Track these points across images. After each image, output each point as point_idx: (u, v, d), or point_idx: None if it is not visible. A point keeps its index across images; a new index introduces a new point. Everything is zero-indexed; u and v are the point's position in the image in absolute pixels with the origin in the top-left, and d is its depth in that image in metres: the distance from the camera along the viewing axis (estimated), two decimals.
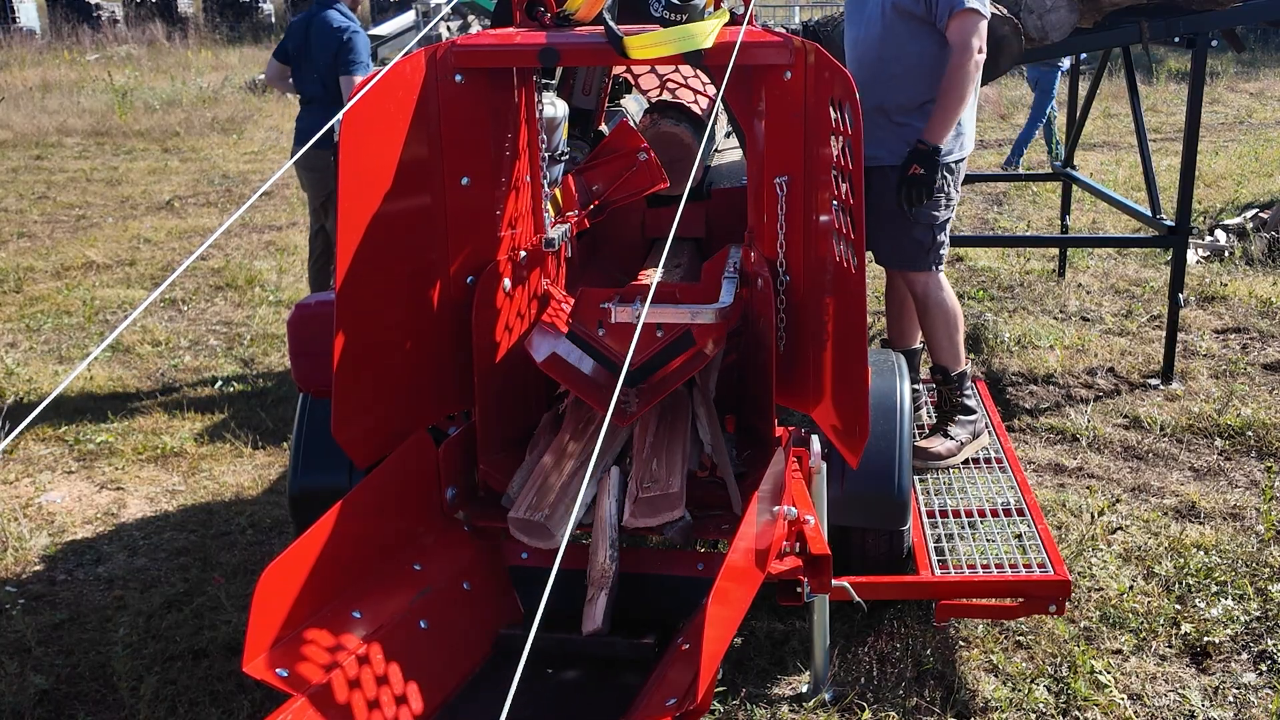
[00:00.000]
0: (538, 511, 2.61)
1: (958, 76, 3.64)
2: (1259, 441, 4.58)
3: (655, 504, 2.64)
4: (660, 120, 3.75)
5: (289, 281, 7.12)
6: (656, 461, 2.77)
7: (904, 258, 3.91)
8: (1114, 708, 3.00)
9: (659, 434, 2.88)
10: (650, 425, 2.91)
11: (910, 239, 3.86)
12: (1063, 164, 6.59)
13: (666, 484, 2.67)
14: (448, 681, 2.41)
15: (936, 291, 3.93)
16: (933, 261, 3.89)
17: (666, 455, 2.80)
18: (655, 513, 2.64)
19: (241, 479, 4.45)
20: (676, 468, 2.74)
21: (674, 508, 2.64)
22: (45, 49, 19.86)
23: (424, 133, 2.61)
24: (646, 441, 2.85)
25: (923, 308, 3.97)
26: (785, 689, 3.10)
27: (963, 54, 3.64)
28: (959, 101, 3.66)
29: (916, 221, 3.83)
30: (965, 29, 3.63)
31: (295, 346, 3.13)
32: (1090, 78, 6.43)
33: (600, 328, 2.90)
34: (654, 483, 2.68)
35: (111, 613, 3.52)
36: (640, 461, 2.79)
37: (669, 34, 2.61)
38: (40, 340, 6.15)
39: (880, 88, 3.77)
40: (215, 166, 11.11)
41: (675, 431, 2.90)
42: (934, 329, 3.98)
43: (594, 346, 2.93)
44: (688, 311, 2.77)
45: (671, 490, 2.65)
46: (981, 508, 3.55)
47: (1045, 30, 4.68)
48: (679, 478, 2.70)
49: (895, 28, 3.75)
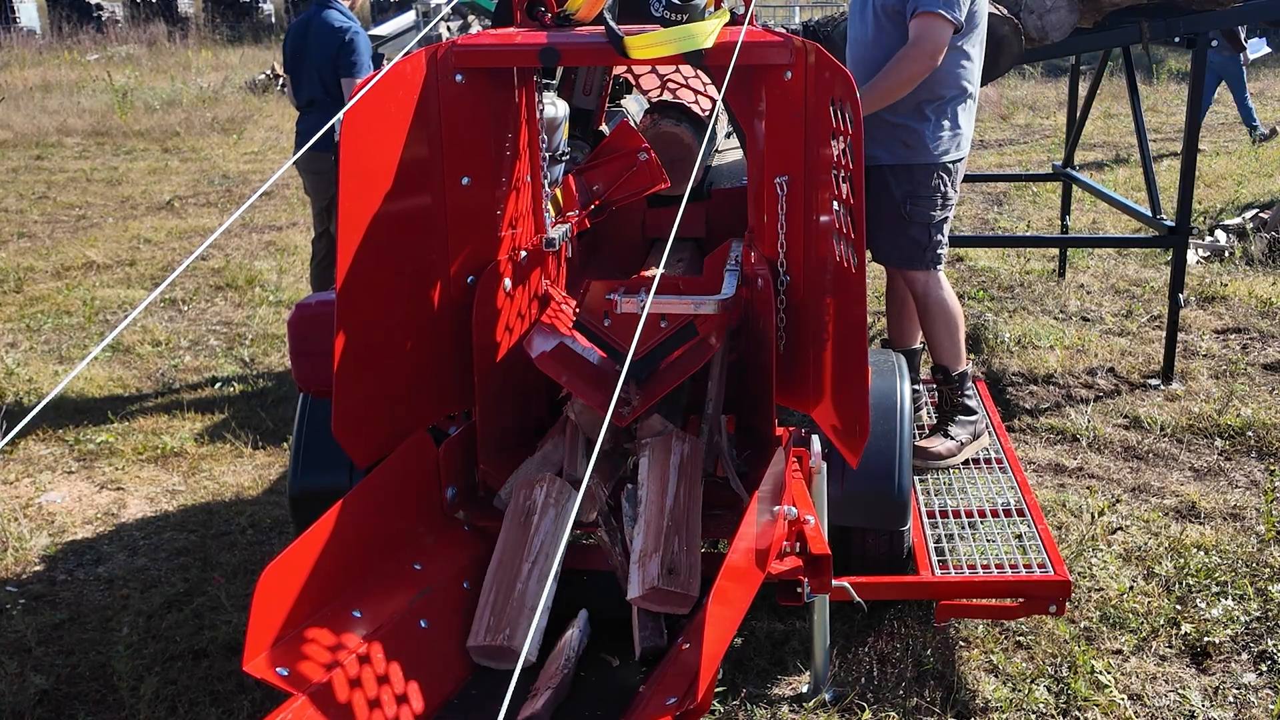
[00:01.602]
0: (498, 634, 2.42)
1: (902, 62, 3.61)
2: (1259, 441, 4.58)
3: (669, 598, 2.40)
4: (660, 120, 3.75)
5: (289, 281, 7.12)
6: (679, 540, 2.48)
7: (902, 257, 3.92)
8: (1114, 708, 3.00)
9: (679, 495, 2.59)
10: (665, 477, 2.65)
11: (907, 238, 3.86)
12: (1063, 164, 6.60)
13: (688, 582, 2.41)
14: (448, 681, 2.41)
15: (937, 291, 3.93)
16: (931, 261, 3.89)
17: (688, 531, 2.51)
18: (664, 603, 2.40)
19: (241, 479, 4.45)
20: (697, 562, 2.46)
21: (683, 606, 2.40)
22: (45, 49, 19.87)
23: (424, 133, 2.61)
24: (665, 502, 2.57)
25: (923, 307, 3.98)
26: (785, 689, 3.10)
27: (916, 46, 3.59)
28: (887, 89, 3.63)
29: (913, 221, 3.83)
30: (926, 27, 3.59)
31: (295, 346, 3.13)
32: (1090, 78, 6.43)
33: (606, 318, 2.93)
34: (673, 573, 2.41)
35: (112, 613, 3.52)
36: (658, 529, 2.49)
37: (669, 34, 2.61)
38: (40, 340, 6.15)
39: None
40: (215, 166, 11.12)
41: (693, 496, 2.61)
42: (934, 329, 3.98)
43: (600, 336, 2.96)
44: (691, 302, 2.80)
45: (690, 592, 2.39)
46: (982, 508, 3.55)
47: (1045, 30, 4.68)
48: (697, 578, 2.43)
49: (886, 29, 3.75)
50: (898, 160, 3.80)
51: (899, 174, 3.82)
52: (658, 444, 2.72)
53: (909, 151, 3.79)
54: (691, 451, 2.71)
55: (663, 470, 2.65)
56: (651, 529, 2.50)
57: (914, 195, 3.82)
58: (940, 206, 3.85)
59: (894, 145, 3.79)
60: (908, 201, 3.82)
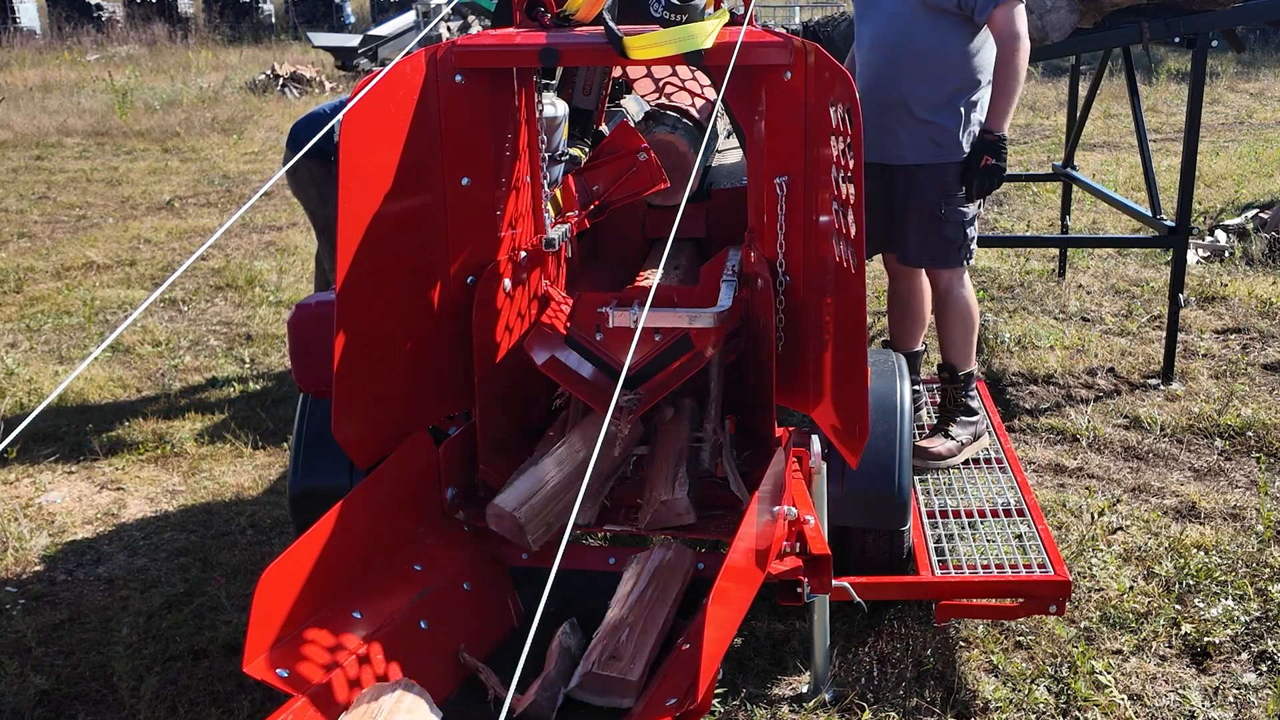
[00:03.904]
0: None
1: (1011, 65, 3.65)
2: (1259, 441, 4.58)
3: (608, 684, 2.30)
4: (654, 129, 3.74)
5: (289, 281, 7.12)
6: (630, 631, 2.39)
7: (935, 256, 3.90)
8: (1114, 708, 3.00)
9: (645, 594, 2.50)
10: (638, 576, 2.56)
11: (941, 237, 3.85)
12: (1063, 164, 6.59)
13: (628, 668, 2.30)
14: (448, 681, 2.41)
15: (959, 288, 3.93)
16: (964, 257, 3.89)
17: (643, 629, 2.40)
18: (605, 691, 2.29)
19: (241, 479, 4.45)
20: (646, 649, 2.34)
21: (625, 694, 2.27)
22: (45, 49, 19.87)
23: (424, 133, 2.61)
24: (629, 599, 2.48)
25: (943, 304, 3.96)
26: (785, 689, 3.10)
27: (1012, 42, 3.65)
28: (1017, 89, 3.68)
29: (948, 220, 3.82)
30: (1009, 18, 3.64)
31: (295, 346, 3.13)
32: (1090, 78, 6.43)
33: (598, 332, 2.88)
34: (614, 659, 2.32)
35: (112, 613, 3.52)
36: (615, 623, 2.41)
37: (669, 34, 2.61)
38: (40, 340, 6.15)
39: (904, 82, 3.75)
40: (215, 167, 11.11)
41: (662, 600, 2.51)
42: (950, 326, 3.97)
43: (592, 352, 2.91)
44: (686, 316, 2.76)
45: (630, 677, 2.28)
46: (982, 508, 3.55)
47: (1045, 30, 4.69)
48: (642, 663, 2.32)
49: (923, 22, 3.72)
50: (927, 160, 3.78)
51: (930, 174, 3.80)
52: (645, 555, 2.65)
53: (940, 150, 3.77)
54: (674, 558, 2.62)
55: (638, 572, 2.58)
56: (609, 625, 2.43)
57: (948, 194, 3.80)
58: (973, 203, 3.85)
59: (924, 144, 3.77)
60: (942, 202, 3.80)
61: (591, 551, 2.93)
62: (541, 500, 2.64)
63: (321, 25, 21.86)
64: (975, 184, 3.72)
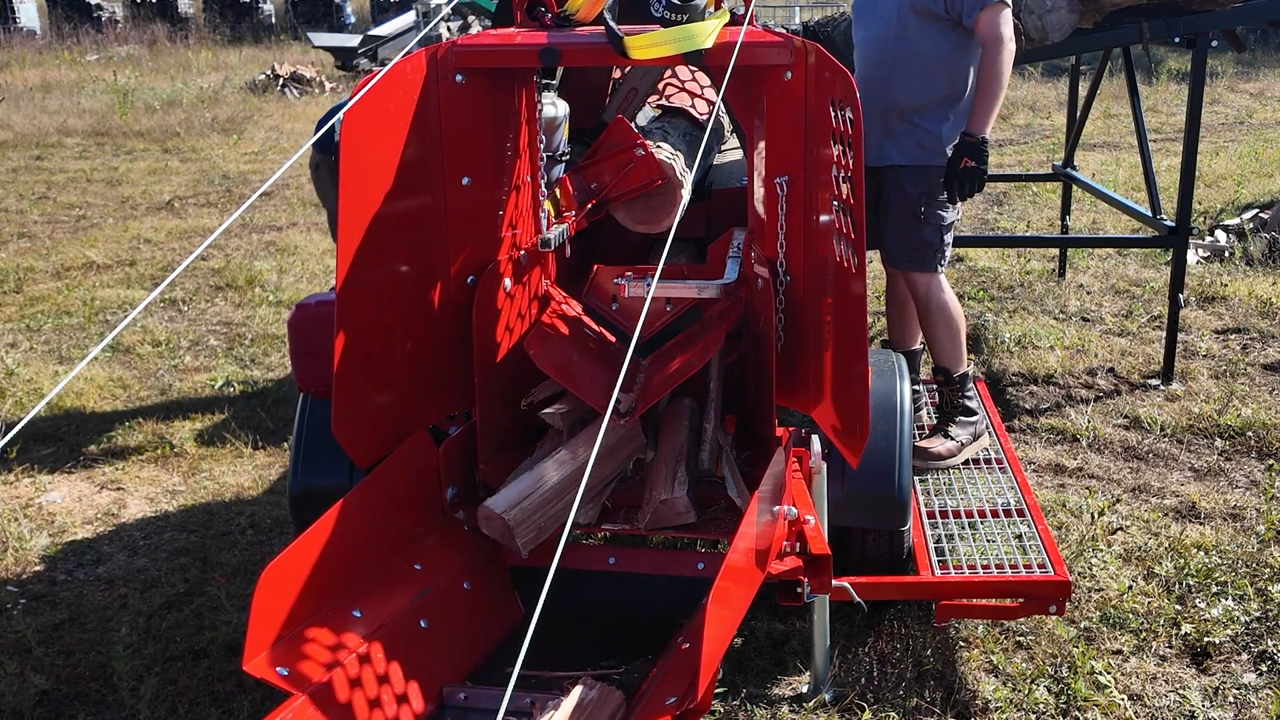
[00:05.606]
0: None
1: (994, 68, 3.67)
2: (1259, 441, 4.58)
3: None
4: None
5: (289, 281, 7.12)
6: None
7: (911, 258, 3.92)
8: (1114, 708, 3.00)
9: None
10: None
11: (920, 239, 3.86)
12: (1063, 164, 6.60)
13: None
14: (448, 681, 2.41)
15: (939, 294, 3.94)
16: (938, 262, 3.90)
17: None
18: None
19: (241, 479, 4.45)
20: None
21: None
22: (45, 49, 19.88)
23: (424, 133, 2.61)
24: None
25: (924, 309, 3.98)
26: (785, 689, 3.10)
27: (995, 45, 3.67)
28: (1000, 92, 3.69)
29: (927, 222, 3.84)
30: (993, 21, 3.66)
31: (295, 346, 3.13)
32: (1090, 78, 6.43)
33: (614, 302, 3.12)
34: None
35: (112, 613, 3.52)
36: None
37: (669, 34, 2.61)
38: (40, 340, 6.15)
39: (894, 87, 3.79)
40: (215, 167, 11.11)
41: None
42: (935, 330, 3.98)
43: (608, 319, 3.15)
44: (695, 286, 2.98)
45: None
46: (982, 508, 3.55)
47: (1045, 30, 4.69)
48: None
49: (911, 27, 3.76)
50: (912, 161, 3.81)
51: (914, 175, 3.83)
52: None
53: (924, 153, 3.81)
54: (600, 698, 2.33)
55: None
56: None
57: (930, 196, 3.82)
58: (951, 208, 3.86)
59: (909, 146, 3.80)
60: (923, 202, 3.82)
61: (592, 551, 2.93)
62: (534, 504, 2.63)
63: (321, 25, 21.87)
64: (955, 186, 3.72)
